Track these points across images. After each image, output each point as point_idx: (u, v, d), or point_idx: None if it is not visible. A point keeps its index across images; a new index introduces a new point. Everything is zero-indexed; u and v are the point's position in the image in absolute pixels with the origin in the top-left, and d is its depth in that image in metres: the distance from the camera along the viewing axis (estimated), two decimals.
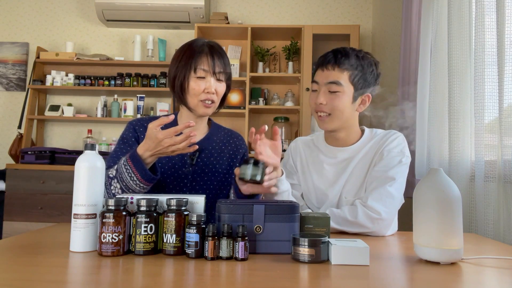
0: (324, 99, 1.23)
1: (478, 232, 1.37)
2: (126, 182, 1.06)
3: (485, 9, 1.38)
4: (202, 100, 1.19)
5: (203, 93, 1.19)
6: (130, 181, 1.06)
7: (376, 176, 1.20)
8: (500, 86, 1.27)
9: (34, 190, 2.97)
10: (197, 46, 1.21)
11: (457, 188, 0.84)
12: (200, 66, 1.18)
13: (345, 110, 1.23)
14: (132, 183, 1.06)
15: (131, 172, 1.05)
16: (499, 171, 1.28)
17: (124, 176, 1.06)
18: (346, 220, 1.14)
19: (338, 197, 1.27)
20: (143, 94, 3.41)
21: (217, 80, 1.21)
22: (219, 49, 1.24)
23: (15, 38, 3.61)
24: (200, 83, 1.19)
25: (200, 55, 1.19)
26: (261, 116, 3.49)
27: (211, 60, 1.19)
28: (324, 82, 1.23)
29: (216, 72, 1.19)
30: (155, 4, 3.25)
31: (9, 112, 3.57)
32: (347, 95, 1.23)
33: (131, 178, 1.05)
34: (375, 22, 3.38)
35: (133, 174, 1.05)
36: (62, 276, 0.69)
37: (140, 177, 1.05)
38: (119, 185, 1.07)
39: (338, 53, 1.24)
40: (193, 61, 1.19)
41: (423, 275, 0.74)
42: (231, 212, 0.86)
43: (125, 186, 1.07)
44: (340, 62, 1.22)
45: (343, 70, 1.22)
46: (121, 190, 1.08)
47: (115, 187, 1.08)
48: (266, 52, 3.38)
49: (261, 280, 0.69)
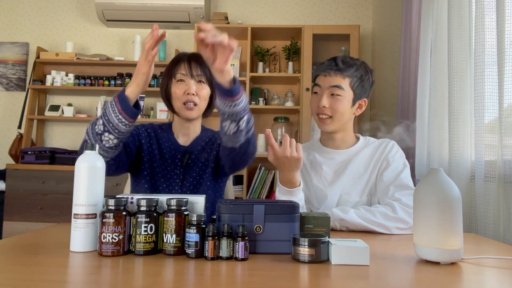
0: (327, 102, 1.31)
1: (478, 232, 1.37)
2: (109, 116, 1.07)
3: (485, 9, 1.38)
4: (184, 103, 1.26)
5: (183, 96, 1.27)
6: (112, 113, 1.06)
7: (390, 181, 1.28)
8: (500, 86, 1.27)
9: (34, 190, 2.97)
10: (178, 56, 1.32)
11: (457, 188, 0.84)
12: (178, 71, 1.28)
13: (345, 113, 1.33)
14: (114, 115, 1.06)
15: (114, 105, 1.06)
16: (499, 171, 1.28)
17: (107, 110, 1.07)
18: (387, 215, 1.17)
19: (338, 197, 1.33)
20: (143, 94, 3.41)
21: (198, 82, 1.28)
22: (199, 57, 1.30)
23: (15, 38, 3.61)
24: (180, 86, 1.28)
25: (178, 62, 1.30)
26: (261, 116, 3.49)
27: (187, 65, 1.28)
28: (327, 86, 1.32)
29: (194, 75, 1.27)
30: (155, 4, 3.25)
31: (9, 112, 3.57)
32: (347, 99, 1.32)
33: (113, 111, 1.06)
34: (375, 22, 3.38)
35: (115, 107, 1.06)
36: (62, 276, 0.69)
37: (120, 108, 1.06)
38: (101, 120, 1.08)
39: (340, 61, 1.34)
40: (173, 69, 1.29)
41: (423, 275, 0.74)
42: (231, 212, 0.86)
43: (107, 120, 1.07)
44: (342, 69, 1.32)
45: (345, 76, 1.31)
46: (103, 125, 1.08)
47: (99, 124, 1.09)
48: (266, 52, 3.38)
49: (261, 280, 0.69)
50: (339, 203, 1.32)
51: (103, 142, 1.09)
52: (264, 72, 3.36)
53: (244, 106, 1.10)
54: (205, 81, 1.29)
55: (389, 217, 1.17)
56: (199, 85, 1.28)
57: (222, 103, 1.08)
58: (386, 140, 1.39)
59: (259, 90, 3.44)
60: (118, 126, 1.07)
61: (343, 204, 1.31)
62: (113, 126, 1.07)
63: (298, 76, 3.22)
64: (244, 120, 1.11)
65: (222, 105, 1.08)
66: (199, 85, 1.28)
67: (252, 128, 1.17)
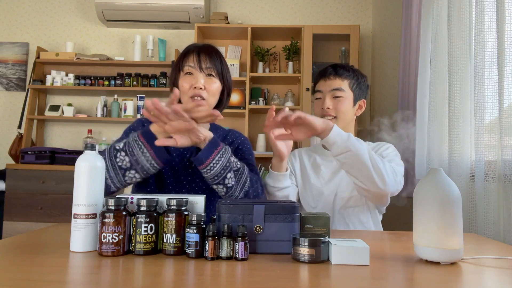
0: (330, 103, 1.40)
1: (478, 232, 1.37)
2: (138, 157, 1.03)
3: (485, 9, 1.38)
4: (191, 96, 1.18)
5: (191, 89, 1.18)
6: (141, 156, 1.03)
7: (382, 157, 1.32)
8: (500, 86, 1.27)
9: (34, 190, 2.97)
10: (187, 48, 1.25)
11: (457, 188, 0.84)
12: (186, 64, 1.20)
13: (347, 113, 1.41)
14: (144, 158, 1.03)
15: (142, 147, 1.02)
16: (499, 171, 1.28)
17: (135, 151, 1.03)
18: (380, 161, 1.19)
19: (334, 194, 1.38)
20: (143, 94, 3.41)
21: (207, 76, 1.20)
22: (210, 48, 1.23)
23: (15, 38, 3.61)
24: (187, 79, 1.20)
25: (187, 54, 1.22)
26: (261, 116, 3.49)
27: (196, 57, 1.20)
28: (328, 89, 1.42)
29: (203, 67, 1.19)
30: (155, 4, 3.25)
31: (9, 112, 3.57)
32: (349, 99, 1.41)
33: (143, 154, 1.02)
34: (375, 22, 3.38)
35: (145, 150, 1.02)
36: (62, 276, 0.69)
37: (153, 154, 1.03)
38: (128, 158, 1.04)
39: (336, 66, 1.44)
40: (181, 61, 1.22)
41: (423, 275, 0.74)
42: (231, 212, 0.86)
43: (135, 160, 1.03)
44: (340, 73, 1.42)
45: (344, 79, 1.41)
46: (130, 163, 1.04)
47: (123, 160, 1.04)
48: (266, 52, 3.38)
49: (261, 280, 0.69)
50: (335, 200, 1.38)
51: (125, 177, 1.05)
52: (264, 72, 3.36)
53: (224, 165, 1.07)
54: (215, 75, 1.21)
55: (380, 162, 1.18)
56: (208, 79, 1.20)
57: (200, 170, 1.08)
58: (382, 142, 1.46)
59: (259, 90, 3.44)
60: (148, 169, 1.05)
61: (338, 200, 1.38)
62: (142, 168, 1.04)
63: (298, 76, 3.22)
64: (228, 178, 1.09)
65: (202, 173, 1.09)
66: (208, 78, 1.20)
67: (248, 180, 1.14)
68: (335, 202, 1.38)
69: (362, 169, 1.17)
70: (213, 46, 1.26)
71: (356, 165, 1.17)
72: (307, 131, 1.16)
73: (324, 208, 1.38)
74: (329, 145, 1.17)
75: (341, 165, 1.20)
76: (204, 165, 1.06)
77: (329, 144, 1.16)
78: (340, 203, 1.37)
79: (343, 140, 1.15)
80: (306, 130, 1.16)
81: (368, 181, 1.18)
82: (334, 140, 1.15)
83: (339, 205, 1.38)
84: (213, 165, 1.06)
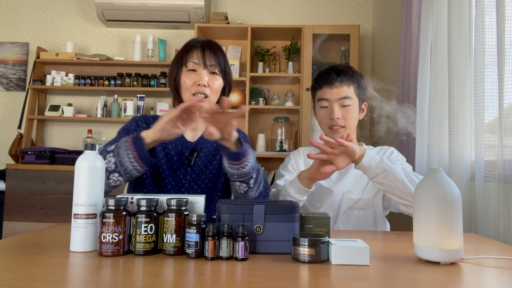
0: (339, 113, 1.36)
1: (478, 232, 1.37)
2: (121, 158, 1.02)
3: (485, 9, 1.38)
4: (194, 93, 1.17)
5: (194, 86, 1.17)
6: (125, 157, 1.02)
7: None
8: (500, 86, 1.27)
9: (34, 190, 2.97)
10: (190, 43, 1.22)
11: (457, 188, 0.84)
12: (190, 60, 1.18)
13: (355, 120, 1.40)
14: (127, 159, 1.02)
15: (128, 149, 1.01)
16: (499, 171, 1.28)
17: (121, 151, 1.02)
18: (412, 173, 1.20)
19: (341, 195, 1.39)
20: (143, 94, 3.41)
21: (211, 73, 1.19)
22: (213, 45, 1.22)
23: (15, 38, 3.61)
24: (191, 76, 1.18)
25: (191, 49, 1.20)
26: (261, 116, 3.49)
27: (201, 53, 1.18)
28: (336, 98, 1.37)
29: (207, 64, 1.18)
30: (155, 4, 3.25)
31: (9, 112, 3.57)
32: (355, 106, 1.39)
33: (127, 156, 1.01)
34: (375, 22, 3.38)
35: (129, 152, 1.01)
36: (62, 276, 0.69)
37: (136, 156, 1.01)
38: (113, 159, 1.03)
39: (339, 71, 1.38)
40: (184, 56, 1.19)
41: (423, 275, 0.74)
42: (231, 212, 0.86)
43: (119, 162, 1.02)
44: (345, 80, 1.37)
45: (349, 85, 1.37)
46: (115, 165, 1.03)
47: (109, 161, 1.04)
48: (266, 52, 3.38)
49: (261, 280, 0.69)
50: (342, 201, 1.38)
51: (109, 180, 1.04)
52: (264, 72, 3.36)
53: (253, 164, 1.08)
54: (219, 73, 1.20)
55: None
56: (212, 76, 1.19)
57: (230, 166, 1.06)
58: (385, 146, 1.47)
59: (259, 90, 3.44)
60: (131, 172, 1.03)
61: (345, 200, 1.37)
62: (125, 170, 1.03)
63: (298, 76, 3.22)
64: (253, 178, 1.10)
65: (230, 168, 1.07)
66: (212, 76, 1.19)
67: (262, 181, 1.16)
68: (342, 203, 1.38)
69: (400, 186, 1.16)
70: (216, 42, 1.26)
71: (395, 184, 1.17)
72: (347, 159, 1.16)
73: (329, 208, 1.38)
74: (364, 169, 1.17)
75: (380, 185, 1.19)
76: (239, 162, 1.06)
77: (364, 168, 1.17)
78: (347, 204, 1.38)
79: (377, 162, 1.16)
80: (347, 158, 1.16)
81: (411, 197, 1.16)
82: (369, 164, 1.15)
83: (346, 205, 1.38)
84: (247, 163, 1.07)
